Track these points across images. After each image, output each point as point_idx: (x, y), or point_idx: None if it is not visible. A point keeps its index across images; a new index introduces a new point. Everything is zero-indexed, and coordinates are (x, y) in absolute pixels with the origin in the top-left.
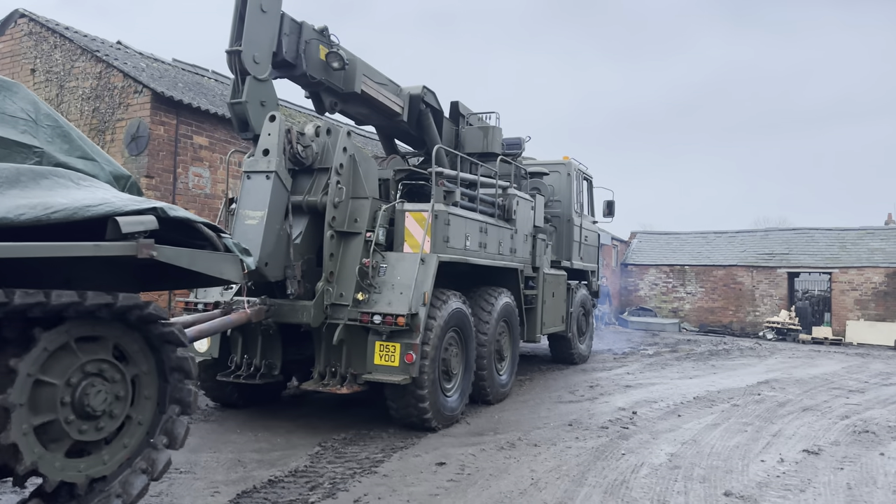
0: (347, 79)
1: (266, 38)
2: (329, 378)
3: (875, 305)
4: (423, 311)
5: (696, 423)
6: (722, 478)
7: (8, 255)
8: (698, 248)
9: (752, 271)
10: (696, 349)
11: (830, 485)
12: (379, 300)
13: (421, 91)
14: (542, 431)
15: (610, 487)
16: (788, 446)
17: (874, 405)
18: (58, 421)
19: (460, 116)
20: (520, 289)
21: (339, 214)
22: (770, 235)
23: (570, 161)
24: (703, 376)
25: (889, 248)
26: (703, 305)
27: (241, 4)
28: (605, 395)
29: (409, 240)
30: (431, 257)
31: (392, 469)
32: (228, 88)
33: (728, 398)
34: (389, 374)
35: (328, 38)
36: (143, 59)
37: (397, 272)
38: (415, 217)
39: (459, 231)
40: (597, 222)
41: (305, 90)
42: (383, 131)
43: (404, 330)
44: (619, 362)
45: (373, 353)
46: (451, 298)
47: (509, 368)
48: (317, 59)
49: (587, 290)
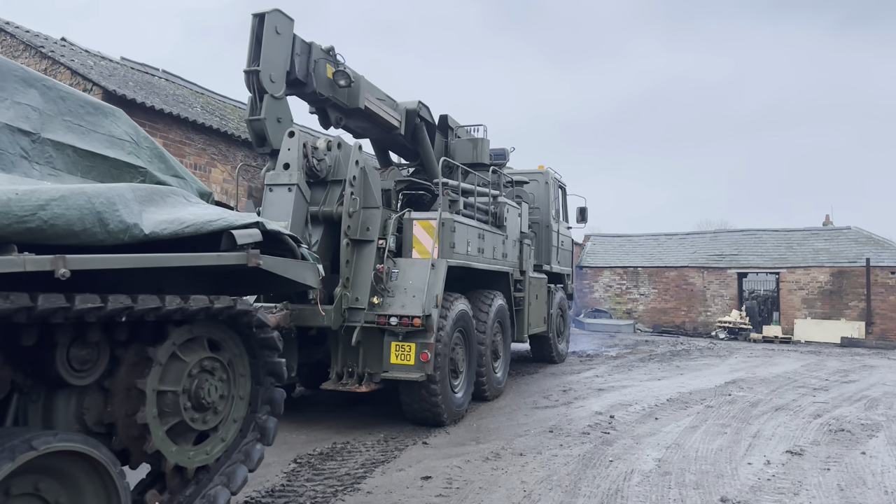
0: (352, 95)
1: (280, 58)
2: (346, 378)
3: (821, 304)
4: (436, 313)
5: (674, 426)
6: (714, 483)
7: (160, 264)
8: (650, 249)
9: (703, 272)
10: (657, 350)
11: (822, 486)
12: (393, 303)
13: (416, 106)
14: (524, 439)
15: (605, 497)
16: (770, 447)
17: (841, 403)
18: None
19: (449, 129)
20: (510, 291)
21: (353, 223)
22: (719, 237)
23: (547, 170)
24: (670, 377)
25: (833, 248)
26: (656, 306)
27: (258, 27)
28: (579, 400)
29: (418, 246)
30: (441, 262)
31: (375, 485)
32: (180, 88)
33: (700, 399)
34: (406, 371)
35: (335, 58)
36: (90, 57)
37: (409, 277)
38: (422, 225)
39: (462, 237)
40: (571, 228)
41: (312, 106)
42: (379, 144)
43: (419, 330)
44: (586, 364)
45: (389, 353)
46: (457, 301)
47: (503, 366)
48: (324, 77)
49: (563, 293)
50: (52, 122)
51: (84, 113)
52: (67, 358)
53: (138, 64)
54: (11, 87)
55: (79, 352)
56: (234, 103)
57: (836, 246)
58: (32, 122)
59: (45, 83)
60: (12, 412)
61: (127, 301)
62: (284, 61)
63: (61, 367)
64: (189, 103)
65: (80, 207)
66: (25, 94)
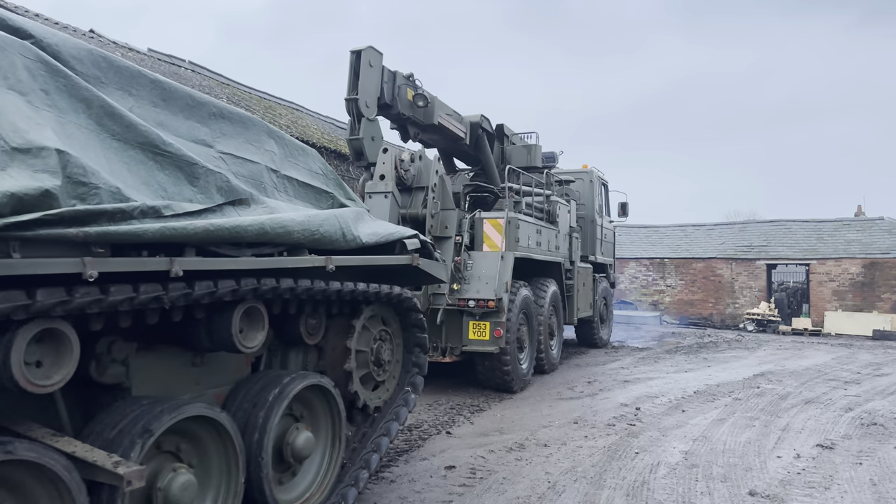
0: (427, 113)
1: (373, 86)
2: (432, 351)
3: (852, 296)
4: (506, 297)
5: (701, 419)
6: (742, 476)
7: (377, 263)
8: (677, 241)
9: (731, 263)
10: (683, 342)
11: (854, 481)
12: (469, 289)
13: (479, 119)
14: (548, 430)
15: (631, 489)
16: (800, 441)
17: (874, 396)
18: (371, 371)
19: (505, 136)
20: (562, 279)
21: (435, 223)
22: (748, 228)
23: (591, 169)
24: (697, 370)
25: (865, 239)
26: (682, 298)
27: (356, 62)
28: (604, 391)
29: (488, 241)
30: (508, 254)
31: (399, 474)
32: (206, 80)
33: (728, 392)
34: (482, 346)
35: (414, 83)
36: (118, 49)
37: (482, 267)
38: (492, 223)
39: (524, 233)
40: (612, 222)
41: (394, 124)
42: (445, 152)
43: (492, 311)
44: (611, 356)
45: (467, 330)
46: (522, 287)
47: (558, 345)
48: (406, 99)
49: (607, 282)
50: (284, 162)
51: (298, 154)
52: (305, 325)
53: (165, 55)
54: (262, 138)
55: (311, 321)
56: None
57: (869, 237)
58: (276, 163)
59: (278, 134)
60: (264, 362)
61: (363, 286)
62: (376, 89)
63: (303, 331)
64: (215, 94)
65: (334, 226)
66: (269, 143)
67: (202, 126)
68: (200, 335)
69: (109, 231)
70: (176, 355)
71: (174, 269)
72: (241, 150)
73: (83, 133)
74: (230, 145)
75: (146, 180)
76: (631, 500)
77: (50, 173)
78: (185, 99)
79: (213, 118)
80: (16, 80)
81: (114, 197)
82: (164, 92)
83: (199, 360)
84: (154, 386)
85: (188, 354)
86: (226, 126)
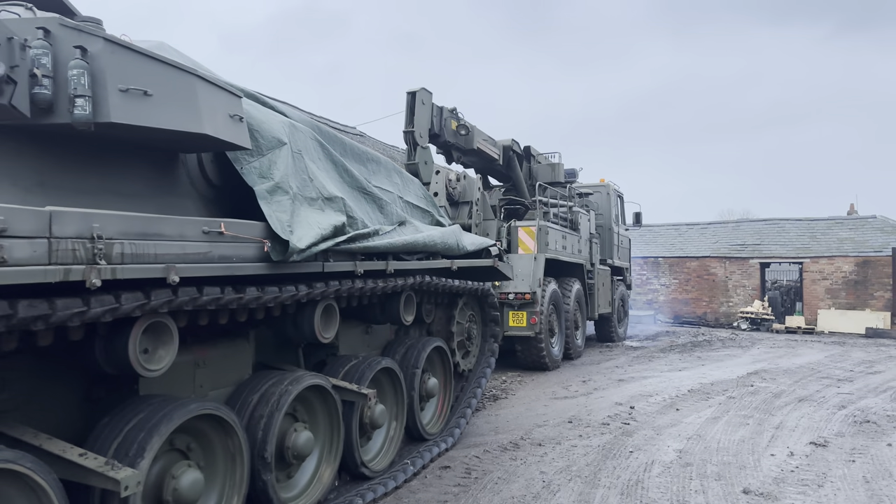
0: (468, 140)
1: (425, 120)
2: None
3: (845, 294)
4: (539, 291)
5: (696, 417)
6: (736, 474)
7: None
8: (671, 240)
9: (725, 262)
10: (677, 340)
11: (847, 479)
12: (508, 285)
13: (510, 142)
14: (543, 430)
15: (625, 488)
16: (794, 439)
17: (866, 394)
18: (464, 342)
19: (531, 156)
20: (584, 278)
21: (479, 231)
22: (741, 226)
23: (608, 183)
24: (692, 368)
25: (858, 238)
26: (677, 297)
27: (412, 101)
28: (598, 390)
29: (522, 245)
30: (540, 256)
31: None
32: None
33: (722, 390)
34: (521, 331)
35: (457, 115)
36: None
37: (518, 266)
38: (525, 231)
39: (552, 238)
40: (628, 229)
41: (441, 149)
42: (481, 171)
43: (528, 302)
44: (605, 355)
45: (508, 319)
46: (551, 283)
47: (582, 335)
48: (451, 129)
49: (624, 286)
50: (404, 189)
51: (409, 182)
52: (424, 310)
53: None
54: (391, 173)
55: (427, 306)
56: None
57: (861, 235)
58: (400, 190)
59: (398, 169)
60: (403, 333)
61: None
62: (427, 122)
63: (424, 313)
64: None
65: (452, 238)
66: (394, 176)
67: (363, 167)
68: (376, 312)
69: (368, 245)
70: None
71: (389, 268)
72: (383, 183)
73: (339, 184)
74: (378, 180)
75: (365, 211)
76: (625, 499)
77: (342, 212)
78: (354, 149)
79: (367, 161)
80: (309, 152)
81: (361, 225)
82: (345, 145)
83: (369, 329)
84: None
85: (363, 325)
86: (373, 166)
